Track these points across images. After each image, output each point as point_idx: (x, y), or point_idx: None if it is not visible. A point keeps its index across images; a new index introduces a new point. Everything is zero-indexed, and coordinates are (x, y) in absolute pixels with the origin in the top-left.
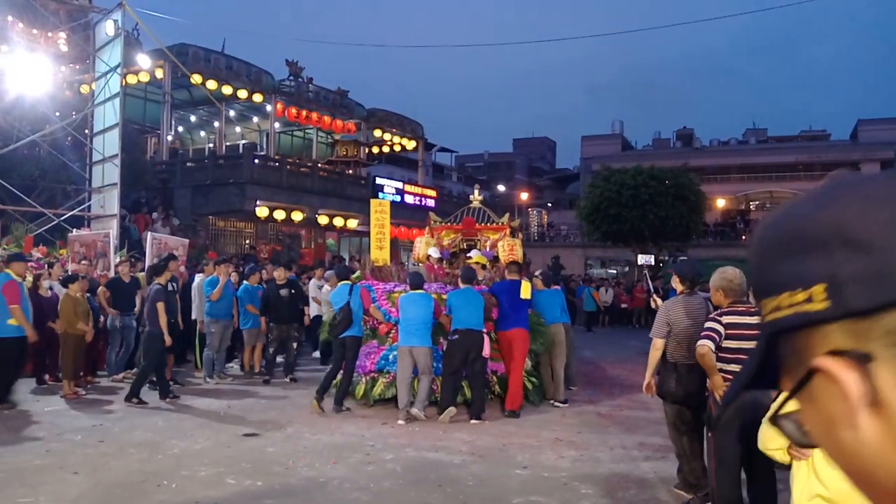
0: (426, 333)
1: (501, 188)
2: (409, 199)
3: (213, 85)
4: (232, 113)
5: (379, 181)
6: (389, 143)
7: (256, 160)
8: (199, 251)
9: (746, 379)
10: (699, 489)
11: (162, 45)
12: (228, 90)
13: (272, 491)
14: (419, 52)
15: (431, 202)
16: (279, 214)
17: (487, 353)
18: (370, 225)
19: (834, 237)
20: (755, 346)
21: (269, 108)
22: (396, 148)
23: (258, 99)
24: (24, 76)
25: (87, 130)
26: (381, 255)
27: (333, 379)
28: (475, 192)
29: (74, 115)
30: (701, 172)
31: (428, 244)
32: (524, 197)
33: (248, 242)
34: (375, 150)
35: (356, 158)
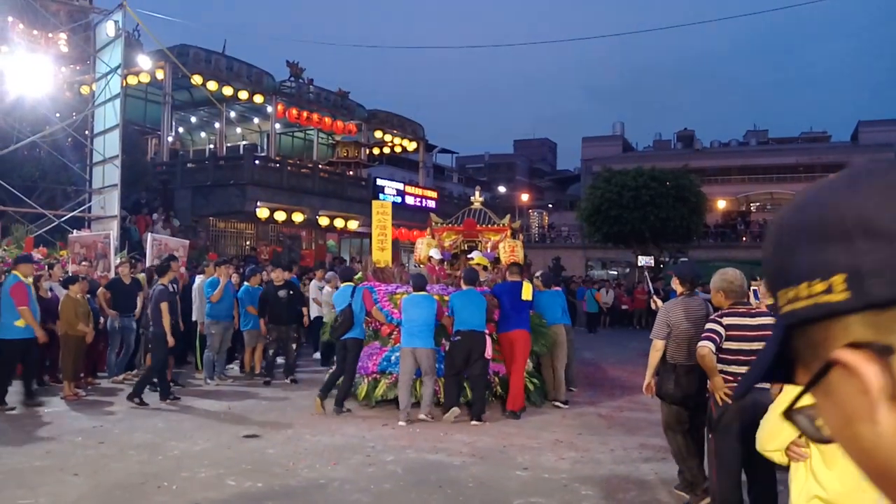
0: (429, 335)
1: (502, 189)
2: (409, 200)
3: (213, 86)
4: (232, 114)
5: (380, 182)
6: (390, 144)
7: (257, 161)
8: (199, 252)
9: (761, 372)
10: (696, 487)
11: (162, 45)
12: (229, 91)
13: (272, 492)
14: (420, 53)
15: (432, 203)
16: (280, 216)
17: (489, 354)
18: (371, 226)
19: (855, 226)
20: (770, 337)
21: (269, 109)
22: (397, 149)
23: (259, 100)
24: (24, 77)
25: (87, 131)
26: (382, 256)
27: (337, 380)
28: (476, 193)
29: (75, 116)
30: (701, 174)
31: (429, 245)
32: (525, 198)
33: (248, 244)
34: (376, 151)
35: (357, 159)
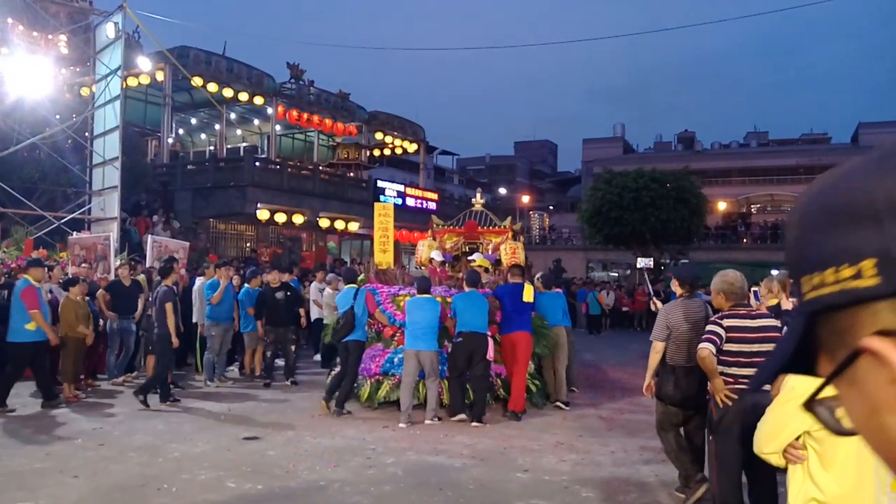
0: (433, 337)
1: (503, 191)
2: (410, 201)
3: (213, 87)
4: (233, 115)
5: (380, 184)
6: (391, 145)
7: (257, 163)
8: (199, 254)
9: (781, 362)
10: (689, 480)
11: (163, 47)
12: (229, 93)
13: (272, 494)
14: (420, 54)
15: (433, 205)
16: (280, 217)
17: (491, 355)
18: (373, 228)
19: (887, 209)
20: (791, 326)
21: (269, 110)
22: (398, 151)
23: (259, 102)
24: (24, 79)
25: (87, 133)
26: (384, 258)
27: (341, 382)
28: (477, 195)
29: (75, 117)
30: (702, 175)
31: (430, 247)
32: (525, 200)
33: (248, 245)
34: (377, 152)
35: (357, 161)
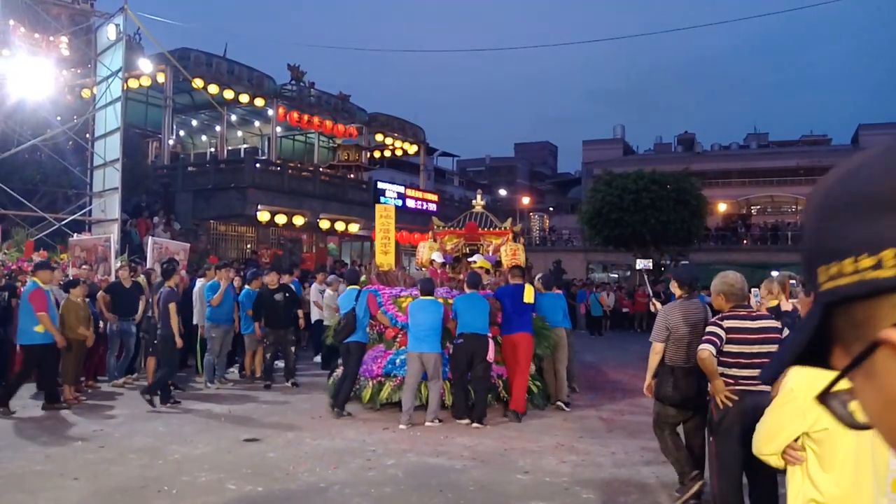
0: (436, 339)
1: (503, 193)
2: (410, 203)
3: (214, 89)
4: (233, 117)
5: (380, 185)
6: (391, 147)
7: (258, 164)
8: (200, 256)
9: (794, 354)
10: (684, 477)
11: (163, 49)
12: (230, 94)
13: (273, 496)
14: (421, 56)
15: (433, 206)
16: (280, 219)
17: (492, 357)
18: (374, 230)
19: None
20: (806, 317)
21: (270, 112)
22: (398, 152)
23: (260, 103)
24: (25, 80)
25: (88, 135)
26: (386, 259)
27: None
28: (477, 197)
29: (76, 119)
30: (702, 177)
31: (431, 249)
32: (526, 201)
33: (249, 247)
34: (377, 154)
35: (358, 163)
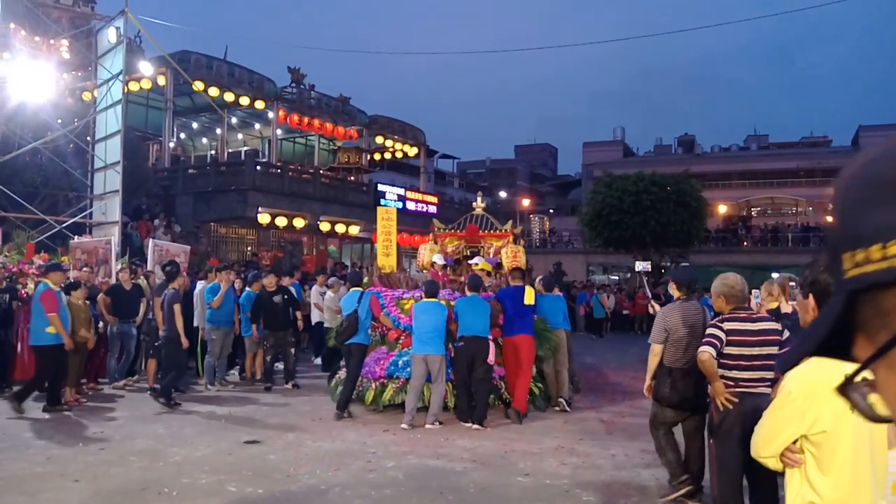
0: (440, 341)
1: (503, 195)
2: (410, 205)
3: (215, 92)
4: (234, 120)
5: (381, 188)
6: (391, 149)
7: (258, 167)
8: (200, 258)
9: (815, 344)
10: (674, 479)
11: (164, 52)
12: (230, 97)
13: (273, 498)
14: (421, 59)
15: (433, 209)
16: (281, 221)
17: (493, 359)
18: (377, 232)
19: None
20: (828, 305)
21: (270, 114)
22: (398, 154)
23: (260, 106)
24: (26, 83)
25: (88, 137)
26: (387, 261)
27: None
28: (478, 199)
29: (76, 122)
30: (702, 179)
31: (432, 251)
32: (526, 203)
33: (249, 249)
34: (377, 156)
35: (358, 165)
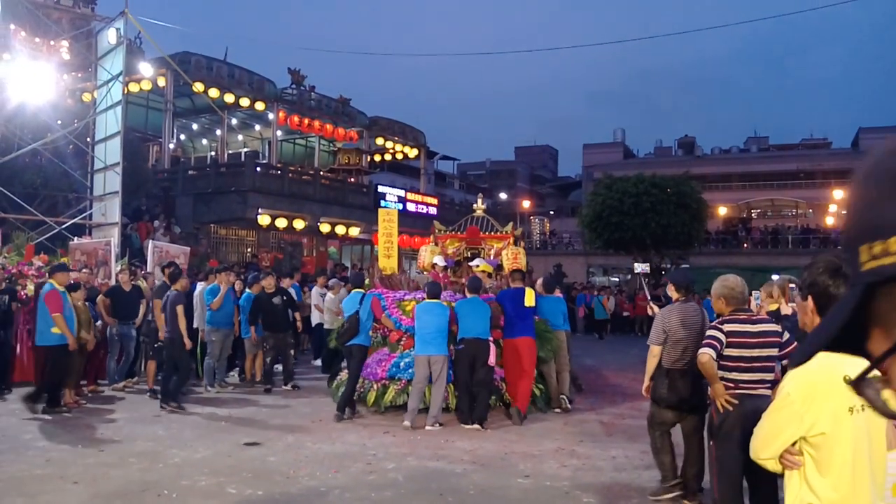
0: (442, 342)
1: (503, 196)
2: (410, 207)
3: (215, 93)
4: (234, 121)
5: (381, 189)
6: (391, 151)
7: (258, 168)
8: (200, 259)
9: (828, 337)
10: (666, 481)
11: (164, 53)
12: (230, 98)
13: (273, 500)
14: (421, 60)
15: (433, 210)
16: (281, 222)
17: (493, 361)
18: (377, 233)
19: None
20: (843, 298)
21: (271, 116)
22: (398, 156)
23: (260, 107)
24: (26, 84)
25: (88, 138)
26: (389, 263)
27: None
28: (478, 201)
29: (76, 123)
30: (702, 180)
31: (433, 252)
32: (526, 205)
33: (249, 251)
34: (377, 158)
35: (358, 166)
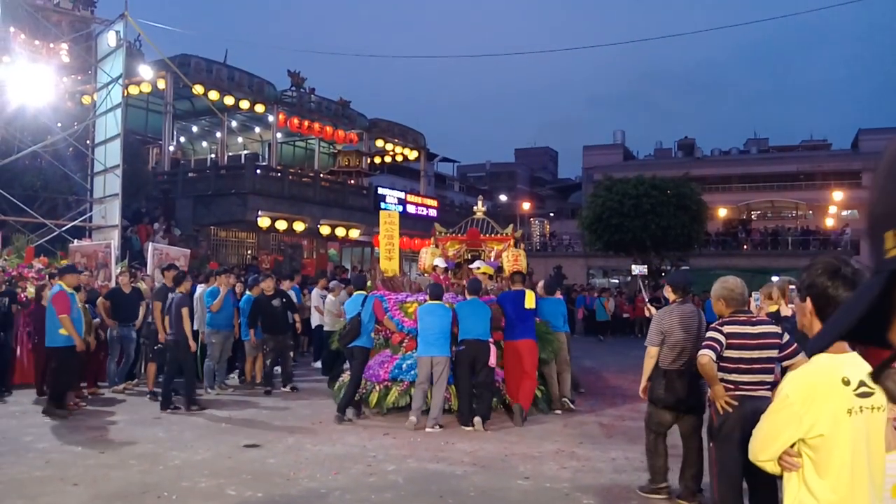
0: (445, 343)
1: (503, 198)
2: (410, 209)
3: (214, 95)
4: (234, 123)
5: (381, 191)
6: (391, 153)
7: (258, 170)
8: (200, 262)
9: (848, 326)
10: (654, 483)
11: (164, 55)
12: (230, 101)
13: (272, 502)
14: (421, 62)
15: (433, 212)
16: (281, 225)
17: (493, 362)
18: (377, 235)
19: None
20: (864, 286)
21: (270, 118)
22: (398, 158)
23: (260, 109)
24: (25, 87)
25: (88, 141)
26: (390, 265)
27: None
28: (478, 203)
29: (76, 125)
30: (702, 182)
31: (433, 254)
32: (526, 207)
33: (249, 253)
34: (377, 160)
35: (358, 169)
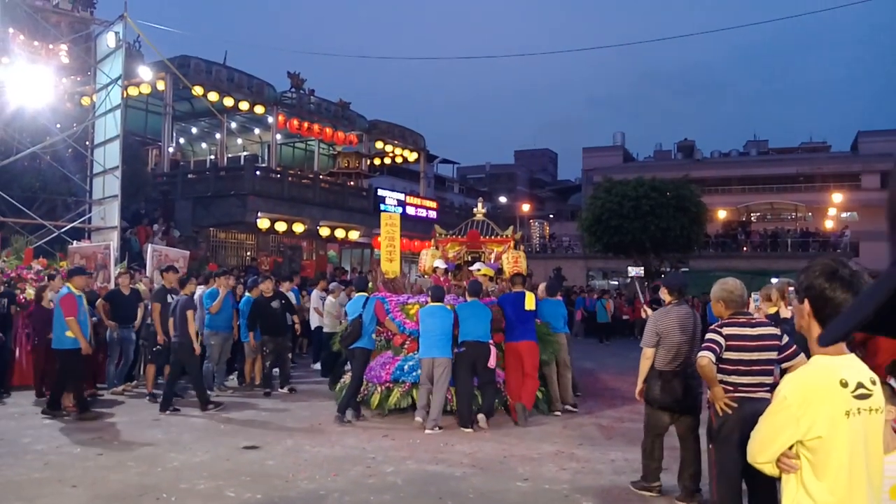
0: (447, 344)
1: (503, 200)
2: (410, 210)
3: (214, 97)
4: (233, 125)
5: (381, 193)
6: (391, 154)
7: (258, 172)
8: (199, 263)
9: (863, 319)
10: (646, 481)
11: (163, 56)
12: (230, 102)
13: None
14: (421, 63)
15: (433, 214)
16: (280, 226)
17: (494, 363)
18: (377, 237)
19: None
20: (879, 279)
21: (270, 119)
22: (398, 159)
23: (260, 111)
24: (25, 88)
25: (87, 142)
26: (391, 267)
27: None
28: (478, 204)
29: (75, 126)
30: (702, 184)
31: (434, 256)
32: (526, 208)
33: (249, 254)
34: (377, 161)
35: (358, 170)
